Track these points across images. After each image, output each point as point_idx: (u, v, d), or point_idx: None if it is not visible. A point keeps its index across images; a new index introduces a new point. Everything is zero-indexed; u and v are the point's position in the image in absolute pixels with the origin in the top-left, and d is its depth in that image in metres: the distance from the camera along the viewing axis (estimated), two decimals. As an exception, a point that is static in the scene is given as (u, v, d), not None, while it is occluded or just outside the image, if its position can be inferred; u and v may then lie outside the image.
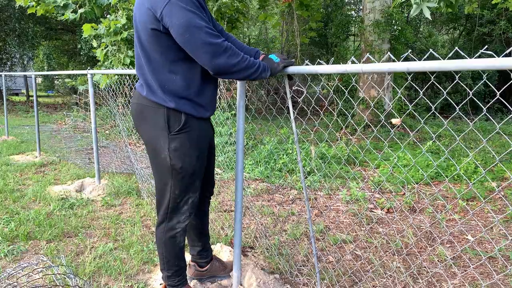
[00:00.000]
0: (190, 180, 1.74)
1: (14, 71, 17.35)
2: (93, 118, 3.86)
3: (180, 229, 1.81)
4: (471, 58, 1.14)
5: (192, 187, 1.76)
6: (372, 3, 8.44)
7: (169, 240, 1.81)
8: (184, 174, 1.70)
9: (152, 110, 1.66)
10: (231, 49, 1.53)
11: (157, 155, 1.69)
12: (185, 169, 1.69)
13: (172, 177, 1.70)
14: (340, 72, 1.48)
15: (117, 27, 5.48)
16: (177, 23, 1.48)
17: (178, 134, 1.65)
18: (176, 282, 1.91)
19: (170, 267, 1.87)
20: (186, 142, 1.67)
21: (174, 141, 1.65)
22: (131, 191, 3.83)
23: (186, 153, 1.67)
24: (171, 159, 1.67)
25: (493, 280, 2.27)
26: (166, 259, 1.85)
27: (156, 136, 1.67)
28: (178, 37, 1.51)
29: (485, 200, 3.74)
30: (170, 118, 1.64)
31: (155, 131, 1.67)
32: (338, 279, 2.26)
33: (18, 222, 2.99)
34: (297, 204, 3.65)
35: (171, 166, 1.68)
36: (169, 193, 1.73)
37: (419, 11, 2.67)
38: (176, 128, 1.65)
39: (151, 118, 1.67)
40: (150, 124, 1.68)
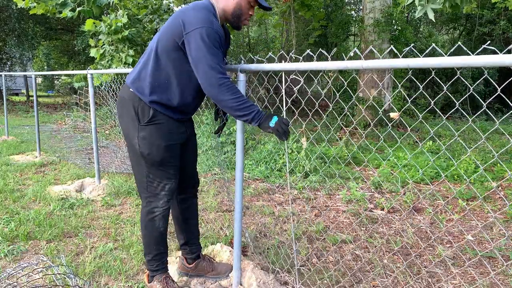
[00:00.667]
0: (162, 168, 1.88)
1: (14, 71, 17.35)
2: (93, 118, 3.86)
3: (158, 213, 1.94)
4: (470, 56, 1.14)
5: (165, 174, 1.90)
6: (372, 3, 8.44)
7: (149, 223, 1.95)
8: (153, 161, 1.86)
9: (126, 102, 1.85)
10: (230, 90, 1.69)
11: (130, 142, 1.88)
12: (152, 157, 1.84)
13: (145, 163, 1.87)
14: (340, 69, 1.48)
15: (118, 26, 5.47)
16: (193, 55, 1.70)
17: (147, 125, 1.82)
18: (155, 267, 2.01)
19: (150, 251, 1.99)
20: (153, 132, 1.83)
21: (143, 131, 1.83)
22: (131, 191, 3.83)
23: (153, 143, 1.83)
24: (140, 147, 1.84)
25: (493, 280, 2.27)
26: (146, 243, 1.99)
27: (129, 126, 1.86)
28: (193, 65, 1.72)
29: (485, 200, 3.74)
30: (139, 110, 1.82)
31: (128, 121, 1.86)
32: (338, 279, 2.26)
33: (18, 222, 2.98)
34: (297, 204, 3.64)
35: (140, 153, 1.85)
36: (144, 177, 1.90)
37: (424, 12, 2.66)
38: (146, 120, 1.82)
39: (126, 109, 1.86)
40: (124, 114, 1.87)
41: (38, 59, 20.98)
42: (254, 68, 1.84)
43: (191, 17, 1.71)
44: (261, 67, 1.81)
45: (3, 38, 14.32)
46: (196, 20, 1.69)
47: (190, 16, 1.72)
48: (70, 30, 16.39)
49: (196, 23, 1.69)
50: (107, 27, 5.47)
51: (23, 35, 14.19)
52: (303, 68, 1.62)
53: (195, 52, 1.69)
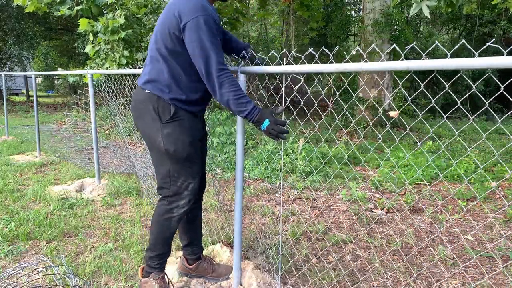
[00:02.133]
0: (186, 164, 1.87)
1: (14, 71, 17.34)
2: (93, 118, 3.86)
3: (177, 214, 1.92)
4: (471, 58, 1.14)
5: (189, 171, 1.89)
6: (372, 3, 8.44)
7: (164, 223, 1.93)
8: (179, 158, 1.85)
9: (144, 104, 1.84)
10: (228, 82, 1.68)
11: (153, 142, 1.85)
12: (179, 153, 1.84)
13: (169, 161, 1.85)
14: (340, 71, 1.48)
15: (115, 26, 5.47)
16: (191, 46, 1.70)
17: (170, 122, 1.82)
18: (156, 264, 2.00)
19: (156, 249, 1.98)
20: (177, 128, 1.83)
21: (166, 128, 1.82)
22: (131, 191, 3.83)
23: (178, 138, 1.83)
24: (164, 144, 1.82)
25: (493, 280, 2.27)
26: (155, 240, 1.97)
27: (151, 126, 1.84)
28: (191, 56, 1.72)
29: (485, 200, 3.74)
30: (159, 109, 1.81)
31: (149, 122, 1.84)
32: (338, 279, 2.26)
33: (18, 222, 2.98)
34: (297, 204, 3.65)
35: (165, 150, 1.83)
36: (168, 177, 1.88)
37: (419, 10, 2.67)
38: (168, 117, 1.81)
39: (144, 110, 1.84)
40: (145, 116, 1.85)
41: (38, 59, 20.97)
42: (254, 70, 1.84)
43: (184, 7, 1.70)
44: (262, 69, 1.81)
45: (3, 38, 14.31)
46: (190, 10, 1.68)
47: (183, 6, 1.70)
48: (70, 30, 16.39)
49: (190, 13, 1.67)
50: (103, 27, 5.46)
51: (23, 35, 14.19)
52: (304, 70, 1.62)
53: (193, 43, 1.69)
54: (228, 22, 7.59)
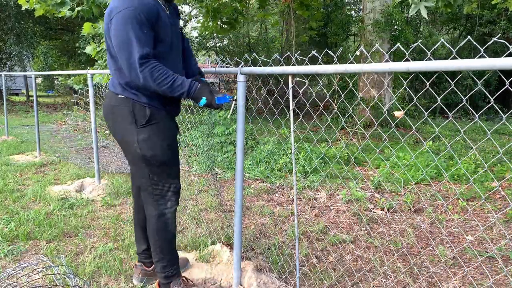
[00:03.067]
0: (165, 168, 1.84)
1: (14, 71, 17.34)
2: (93, 118, 3.86)
3: (169, 214, 1.90)
4: (471, 58, 1.14)
5: (169, 174, 1.86)
6: (372, 3, 8.44)
7: (161, 228, 1.90)
8: (157, 161, 1.81)
9: (118, 108, 1.79)
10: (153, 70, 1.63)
11: (129, 147, 1.82)
12: (156, 157, 1.80)
13: (147, 165, 1.81)
14: (340, 72, 1.48)
15: None
16: (114, 44, 1.66)
17: (145, 126, 1.77)
18: (172, 271, 1.96)
19: (165, 256, 1.93)
20: (154, 132, 1.79)
21: (142, 133, 1.78)
22: (131, 191, 3.83)
23: (156, 143, 1.79)
24: (141, 150, 1.78)
25: (493, 280, 2.27)
26: (160, 248, 1.92)
27: (126, 131, 1.80)
28: (114, 49, 1.68)
29: (485, 200, 3.74)
30: (136, 113, 1.76)
31: (124, 127, 1.79)
32: (339, 279, 2.26)
33: (18, 222, 2.98)
34: (297, 204, 3.64)
35: (142, 155, 1.79)
36: (149, 181, 1.84)
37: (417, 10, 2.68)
38: (143, 122, 1.77)
39: (118, 115, 1.80)
40: (119, 121, 1.80)
41: (38, 59, 20.97)
42: (254, 71, 1.83)
43: (114, 4, 1.65)
44: (262, 70, 1.80)
45: (3, 38, 14.32)
46: (115, 6, 1.63)
47: (113, 3, 1.66)
48: (70, 30, 16.39)
49: (114, 9, 1.63)
50: None
51: (23, 35, 14.19)
52: (304, 71, 1.62)
53: (114, 40, 1.64)
54: (227, 22, 7.58)
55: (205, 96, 1.72)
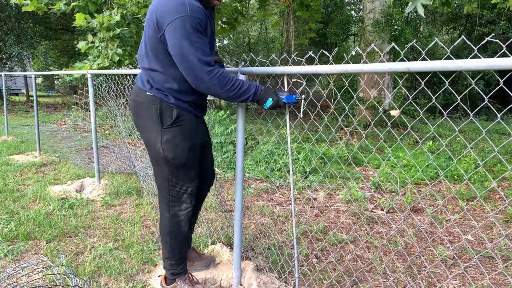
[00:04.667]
0: (186, 170, 1.85)
1: (14, 71, 17.35)
2: (93, 118, 3.86)
3: (183, 216, 1.91)
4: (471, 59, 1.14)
5: (187, 176, 1.87)
6: (372, 3, 8.45)
7: (174, 228, 1.92)
8: (177, 164, 1.81)
9: (145, 106, 1.78)
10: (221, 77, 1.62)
11: (152, 146, 1.81)
12: (177, 160, 1.80)
13: (167, 166, 1.81)
14: (340, 72, 1.48)
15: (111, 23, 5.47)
16: (173, 52, 1.62)
17: (170, 128, 1.76)
18: (179, 269, 2.00)
19: (174, 255, 1.97)
20: (178, 134, 1.78)
21: (166, 134, 1.77)
22: (131, 191, 3.83)
23: (178, 145, 1.78)
24: (163, 150, 1.78)
25: (493, 280, 2.27)
26: (171, 247, 1.95)
27: (150, 130, 1.79)
28: (173, 57, 1.65)
29: (485, 200, 3.74)
30: (163, 112, 1.75)
31: (149, 126, 1.79)
32: (339, 279, 2.26)
33: (18, 222, 2.98)
34: (297, 204, 3.65)
35: (164, 156, 1.79)
36: (167, 182, 1.85)
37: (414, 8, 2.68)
38: (169, 122, 1.76)
39: (145, 113, 1.79)
40: (145, 119, 1.80)
41: (38, 59, 20.97)
42: (255, 71, 1.83)
43: (164, 9, 1.61)
44: (262, 70, 1.81)
45: (3, 38, 14.32)
46: (169, 12, 1.59)
47: (162, 8, 1.62)
48: (70, 30, 16.39)
49: (170, 16, 1.58)
50: (99, 23, 5.46)
51: (23, 35, 14.20)
52: (304, 71, 1.62)
53: (175, 49, 1.60)
54: (227, 22, 7.58)
55: (271, 96, 1.71)
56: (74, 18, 5.60)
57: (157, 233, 2.87)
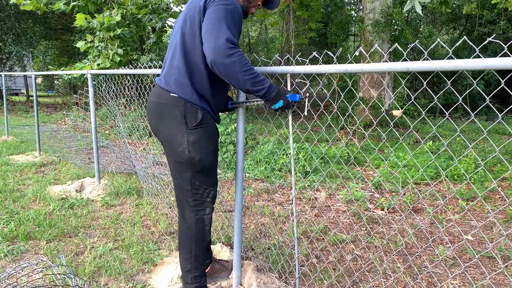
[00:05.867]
0: (209, 173, 1.81)
1: (14, 71, 17.35)
2: (93, 118, 3.86)
3: (207, 221, 1.85)
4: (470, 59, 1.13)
5: (210, 179, 1.82)
6: (372, 3, 8.45)
7: (199, 235, 1.84)
8: (202, 166, 1.77)
9: (169, 107, 1.73)
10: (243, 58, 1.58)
11: (176, 149, 1.75)
12: (203, 161, 1.76)
13: (192, 169, 1.76)
14: (340, 72, 1.48)
15: (111, 23, 5.46)
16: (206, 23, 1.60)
17: (195, 129, 1.73)
18: (203, 282, 1.91)
19: (199, 265, 1.87)
20: (203, 136, 1.75)
21: (192, 135, 1.73)
22: (131, 191, 3.83)
23: (203, 146, 1.75)
24: (189, 152, 1.73)
25: (492, 280, 2.27)
26: (195, 256, 1.86)
27: (174, 131, 1.74)
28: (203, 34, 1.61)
29: (485, 200, 3.74)
30: (187, 113, 1.72)
31: (173, 127, 1.74)
32: (339, 279, 2.26)
33: (18, 222, 2.98)
34: (297, 204, 3.65)
35: (189, 158, 1.73)
36: (189, 185, 1.79)
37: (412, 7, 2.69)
38: (194, 123, 1.72)
39: (169, 115, 1.74)
40: (168, 120, 1.75)
41: (37, 59, 20.98)
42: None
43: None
44: (262, 70, 1.81)
45: (2, 38, 14.33)
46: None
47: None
48: (70, 30, 16.39)
49: (217, 1, 1.62)
50: (99, 24, 5.46)
51: (22, 34, 14.20)
52: (304, 71, 1.62)
53: (210, 21, 1.59)
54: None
55: (283, 99, 1.68)
56: (74, 18, 5.60)
57: (157, 233, 2.87)
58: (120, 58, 5.65)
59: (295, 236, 1.96)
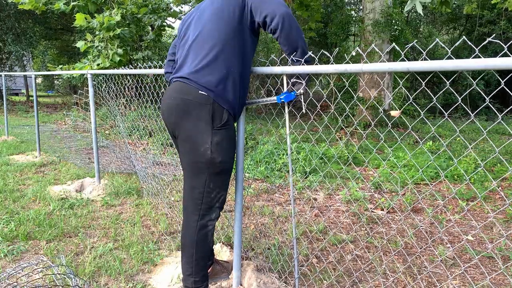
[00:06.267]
0: (225, 176, 1.77)
1: (14, 71, 17.35)
2: (93, 118, 3.86)
3: (211, 226, 1.81)
4: (470, 59, 1.14)
5: (225, 183, 1.79)
6: (372, 3, 8.45)
7: (201, 240, 1.81)
8: (222, 168, 1.73)
9: (197, 105, 1.68)
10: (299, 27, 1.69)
11: (197, 149, 1.70)
12: (223, 163, 1.73)
13: (209, 171, 1.72)
14: (340, 72, 1.48)
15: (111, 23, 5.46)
16: None
17: (220, 130, 1.70)
18: (204, 286, 1.89)
19: (199, 271, 1.84)
20: (225, 137, 1.72)
21: (216, 136, 1.69)
22: (131, 191, 3.83)
23: (225, 148, 1.72)
24: (212, 152, 1.69)
25: (492, 280, 2.27)
26: (196, 261, 1.82)
27: (199, 131, 1.69)
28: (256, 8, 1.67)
29: (485, 200, 3.74)
30: (214, 113, 1.68)
31: (198, 126, 1.69)
32: (338, 279, 2.26)
33: (18, 222, 2.99)
34: (297, 204, 3.65)
35: (210, 159, 1.69)
36: (203, 187, 1.74)
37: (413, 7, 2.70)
38: (219, 124, 1.69)
39: (196, 113, 1.69)
40: (193, 119, 1.69)
41: (37, 59, 20.98)
42: (254, 71, 1.84)
43: None
44: (262, 70, 1.81)
45: (2, 38, 14.33)
46: None
47: None
48: (70, 30, 16.39)
49: None
50: (99, 23, 5.46)
51: (22, 34, 14.20)
52: (304, 71, 1.62)
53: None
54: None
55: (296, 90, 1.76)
56: (74, 18, 5.60)
57: (157, 233, 2.87)
58: (120, 58, 5.65)
59: (294, 236, 1.96)
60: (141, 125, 7.33)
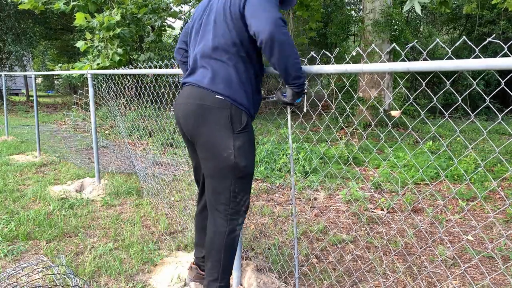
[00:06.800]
0: (249, 180, 1.74)
1: (14, 71, 17.35)
2: (93, 118, 3.86)
3: (238, 231, 1.78)
4: (470, 59, 1.13)
5: (248, 186, 1.75)
6: (372, 3, 8.45)
7: (229, 245, 1.77)
8: (246, 172, 1.70)
9: (214, 110, 1.64)
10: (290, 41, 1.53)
11: (220, 154, 1.66)
12: (247, 167, 1.69)
13: (234, 176, 1.68)
14: (340, 72, 1.48)
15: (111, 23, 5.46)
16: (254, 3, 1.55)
17: (240, 133, 1.66)
18: None
19: (225, 276, 1.80)
20: (247, 141, 1.69)
21: (238, 140, 1.65)
22: (131, 191, 3.83)
23: (247, 151, 1.69)
24: (235, 157, 1.64)
25: (492, 280, 2.27)
26: (223, 266, 1.78)
27: (220, 136, 1.64)
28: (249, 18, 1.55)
29: (485, 200, 3.74)
30: (233, 117, 1.64)
31: (219, 131, 1.64)
32: (338, 279, 2.26)
33: (18, 222, 2.98)
34: (297, 204, 3.65)
35: (234, 164, 1.65)
36: (229, 193, 1.70)
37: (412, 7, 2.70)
38: (239, 127, 1.65)
39: (214, 118, 1.64)
40: (212, 124, 1.65)
41: (37, 59, 20.99)
42: (266, 71, 1.83)
43: None
44: (273, 71, 1.81)
45: (2, 38, 14.34)
46: None
47: None
48: (69, 30, 16.39)
49: None
50: (99, 23, 5.46)
51: (22, 34, 14.21)
52: (306, 71, 1.62)
53: (252, 6, 1.54)
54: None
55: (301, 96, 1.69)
56: (74, 17, 5.60)
57: (157, 233, 2.87)
58: (120, 58, 5.65)
59: (295, 236, 1.96)
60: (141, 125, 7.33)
